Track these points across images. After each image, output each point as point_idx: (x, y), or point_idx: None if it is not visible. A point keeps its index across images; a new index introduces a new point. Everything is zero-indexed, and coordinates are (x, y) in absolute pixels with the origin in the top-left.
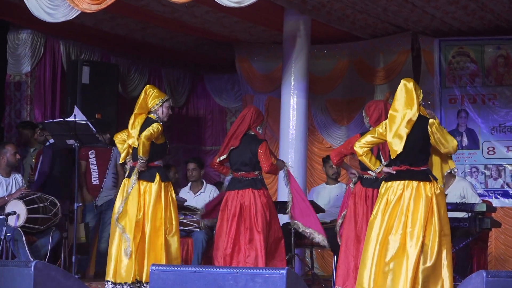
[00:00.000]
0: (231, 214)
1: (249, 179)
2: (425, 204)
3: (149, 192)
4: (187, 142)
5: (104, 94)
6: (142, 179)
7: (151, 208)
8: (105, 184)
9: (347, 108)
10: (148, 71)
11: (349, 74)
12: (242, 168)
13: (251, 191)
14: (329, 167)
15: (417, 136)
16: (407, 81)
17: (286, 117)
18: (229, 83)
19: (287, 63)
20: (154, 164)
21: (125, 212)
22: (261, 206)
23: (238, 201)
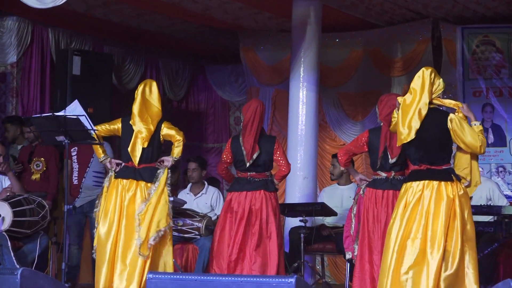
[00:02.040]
0: (237, 217)
1: (261, 180)
2: (446, 206)
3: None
4: (187, 139)
5: (96, 87)
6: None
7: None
8: (84, 184)
9: (362, 102)
10: (144, 61)
11: (363, 65)
12: (253, 169)
13: (263, 193)
14: (332, 166)
15: (436, 132)
16: (425, 68)
17: (295, 112)
18: (233, 74)
19: (296, 53)
20: (154, 165)
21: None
22: (272, 209)
23: (248, 203)
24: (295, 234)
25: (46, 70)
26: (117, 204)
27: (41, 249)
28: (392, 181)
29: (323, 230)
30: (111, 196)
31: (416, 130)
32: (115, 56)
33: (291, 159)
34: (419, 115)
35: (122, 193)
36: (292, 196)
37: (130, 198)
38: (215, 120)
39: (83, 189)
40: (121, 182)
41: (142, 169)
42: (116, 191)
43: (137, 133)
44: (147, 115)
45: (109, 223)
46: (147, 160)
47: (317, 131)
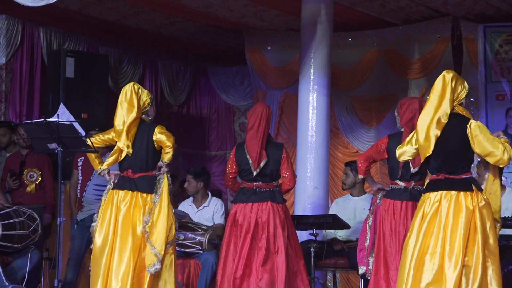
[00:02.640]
0: (243, 230)
1: (267, 190)
2: (465, 218)
3: (149, 204)
4: (188, 146)
5: (91, 90)
6: (140, 191)
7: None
8: (84, 197)
9: (377, 106)
10: (142, 63)
11: (378, 67)
12: (260, 179)
13: (271, 204)
14: (344, 175)
15: (455, 140)
16: (446, 72)
17: (305, 117)
18: (238, 77)
19: (306, 53)
20: (152, 174)
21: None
22: (279, 222)
23: (254, 215)
24: (305, 248)
25: (37, 72)
26: (112, 217)
27: (32, 265)
28: (412, 191)
29: (335, 244)
30: (107, 209)
31: (435, 140)
32: (111, 58)
33: (300, 167)
34: (437, 125)
35: (118, 205)
36: (302, 207)
37: (125, 211)
38: (219, 126)
39: (84, 203)
40: (117, 193)
41: (138, 179)
42: (111, 203)
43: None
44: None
45: (104, 236)
46: (142, 168)
47: (328, 138)
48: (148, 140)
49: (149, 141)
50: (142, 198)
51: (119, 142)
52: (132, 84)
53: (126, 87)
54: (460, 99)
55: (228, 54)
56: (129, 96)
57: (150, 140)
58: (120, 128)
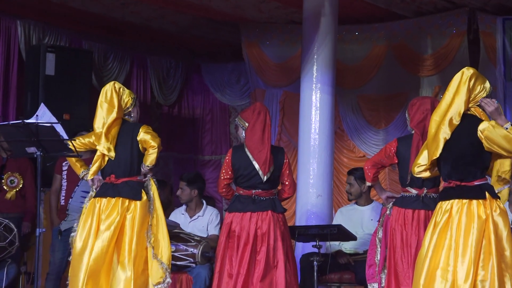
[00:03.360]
0: (241, 242)
1: (267, 199)
2: (478, 228)
3: (133, 212)
4: (179, 150)
5: (73, 89)
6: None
7: (136, 229)
8: (70, 205)
9: (385, 106)
10: (129, 59)
11: (387, 63)
12: (259, 186)
13: (271, 214)
14: (348, 185)
15: (465, 143)
16: (466, 69)
17: (307, 118)
18: (234, 74)
19: (308, 48)
20: (137, 179)
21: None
22: (280, 234)
23: (253, 226)
24: (307, 262)
25: (13, 69)
26: (92, 228)
27: (8, 280)
28: (424, 199)
29: (340, 257)
30: (87, 218)
31: (444, 143)
32: (95, 53)
33: (302, 173)
34: (449, 126)
35: (99, 214)
36: (304, 217)
37: (107, 221)
38: (213, 128)
39: (70, 211)
40: (99, 201)
41: (122, 184)
42: (92, 213)
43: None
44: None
45: (83, 245)
46: (126, 172)
47: (332, 141)
48: (132, 142)
49: (133, 143)
50: (123, 206)
51: (99, 145)
52: (113, 83)
53: (106, 86)
54: (477, 100)
55: (223, 49)
56: (109, 96)
57: (135, 141)
58: (99, 130)
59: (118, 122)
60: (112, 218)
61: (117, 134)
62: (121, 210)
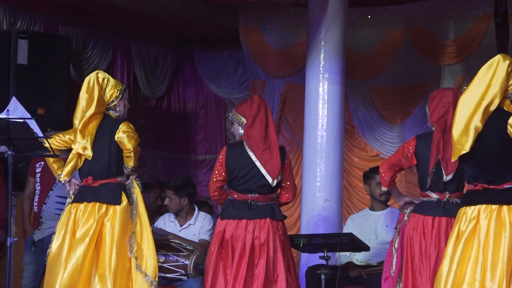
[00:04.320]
0: (236, 254)
1: (265, 204)
2: (509, 237)
3: (112, 218)
4: (170, 149)
5: (49, 80)
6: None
7: (116, 238)
8: (44, 212)
9: (401, 99)
10: (112, 46)
11: (404, 51)
12: (257, 189)
13: (270, 222)
14: (376, 185)
15: (494, 141)
16: (503, 57)
17: (313, 112)
18: (230, 63)
19: (314, 34)
20: (117, 181)
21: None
22: (280, 244)
23: (249, 235)
24: (313, 275)
25: None
26: (67, 239)
27: None
28: (446, 204)
29: (351, 270)
30: (62, 228)
31: (475, 135)
32: (73, 40)
33: (308, 175)
34: (483, 115)
35: (75, 223)
36: (309, 224)
37: (82, 229)
38: (207, 125)
39: (44, 219)
40: (75, 207)
41: (99, 187)
42: (67, 221)
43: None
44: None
45: (57, 258)
46: (104, 174)
47: (342, 139)
48: (110, 140)
49: (111, 140)
50: (100, 211)
51: (73, 144)
52: (96, 73)
53: (89, 76)
54: (509, 91)
55: (218, 35)
56: (91, 87)
57: (113, 139)
58: (77, 126)
59: (97, 117)
60: (87, 226)
61: (96, 131)
62: (97, 216)
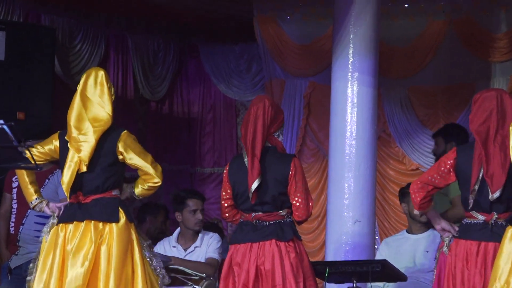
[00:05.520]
0: (240, 283)
1: (271, 224)
2: None
3: (108, 239)
4: (172, 160)
5: (30, 78)
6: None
7: (114, 264)
8: (21, 234)
9: (445, 101)
10: (104, 39)
11: (447, 45)
12: (259, 207)
13: (275, 244)
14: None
15: None
16: None
17: (340, 118)
18: (243, 59)
19: (342, 25)
20: (113, 195)
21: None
22: (290, 270)
23: (253, 261)
24: None
25: None
26: (55, 267)
27: None
28: (494, 227)
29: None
30: (48, 254)
31: None
32: (59, 31)
33: (334, 192)
34: None
35: (64, 247)
36: (336, 249)
37: (74, 254)
38: (215, 131)
39: (21, 242)
40: (63, 228)
41: (92, 203)
42: (54, 246)
43: (74, 152)
44: (87, 123)
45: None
46: (97, 188)
47: (375, 149)
48: (106, 148)
49: (108, 150)
50: (97, 231)
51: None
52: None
53: (92, 71)
54: None
55: (228, 26)
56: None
57: (111, 148)
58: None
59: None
60: (85, 251)
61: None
62: (94, 237)
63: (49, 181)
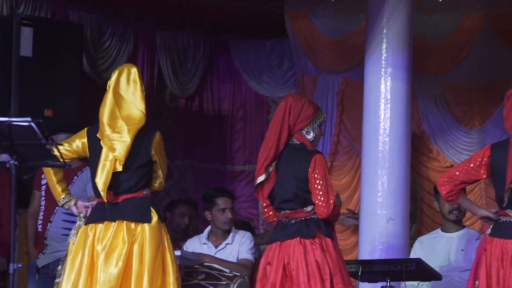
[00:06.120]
0: (269, 283)
1: (297, 221)
2: None
3: (141, 239)
4: (202, 158)
5: (58, 75)
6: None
7: (148, 264)
8: (49, 232)
9: (481, 98)
10: (133, 35)
11: (483, 40)
12: (283, 205)
13: (299, 242)
14: (444, 200)
15: None
16: None
17: (373, 115)
18: (274, 55)
19: (375, 20)
20: (144, 194)
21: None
22: (316, 268)
23: (280, 260)
24: None
25: None
26: (83, 267)
27: None
28: None
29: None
30: (77, 255)
31: None
32: (86, 28)
33: (367, 190)
34: None
35: (92, 247)
36: (370, 248)
37: (107, 254)
38: (246, 129)
39: (49, 240)
40: (93, 228)
41: (123, 203)
42: (83, 245)
43: (107, 150)
44: (120, 121)
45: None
46: (130, 188)
47: (409, 146)
48: (143, 147)
49: (144, 148)
50: (129, 230)
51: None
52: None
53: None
54: None
55: (259, 22)
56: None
57: (147, 148)
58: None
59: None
60: (118, 251)
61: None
62: (127, 237)
63: (78, 178)
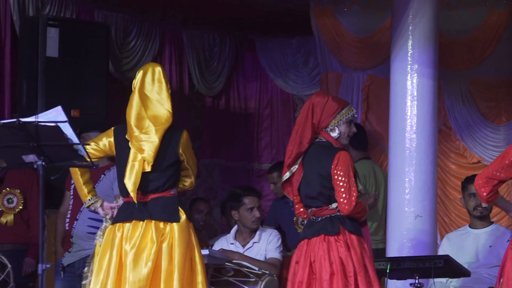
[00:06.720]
0: (296, 280)
1: (323, 218)
2: None
3: (170, 238)
4: (229, 156)
5: (84, 76)
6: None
7: (177, 264)
8: (75, 230)
9: (507, 94)
10: (159, 34)
11: (509, 35)
12: (309, 202)
13: (323, 239)
14: (468, 196)
15: None
16: None
17: (400, 112)
18: (300, 53)
19: (401, 17)
20: (171, 194)
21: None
22: (339, 265)
23: (307, 258)
24: None
25: (5, 49)
26: (112, 267)
27: None
28: None
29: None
30: (104, 255)
31: None
32: (112, 28)
33: (395, 187)
34: None
35: (120, 247)
36: (397, 245)
37: (136, 254)
38: (273, 127)
39: (74, 238)
40: (120, 228)
41: (152, 202)
42: (111, 245)
43: (136, 151)
44: (147, 121)
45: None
46: (158, 188)
47: (436, 142)
48: (170, 147)
49: (171, 148)
50: (158, 230)
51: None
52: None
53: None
54: None
55: (285, 20)
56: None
57: (175, 147)
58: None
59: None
60: (147, 251)
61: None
62: (156, 236)
63: (105, 177)
